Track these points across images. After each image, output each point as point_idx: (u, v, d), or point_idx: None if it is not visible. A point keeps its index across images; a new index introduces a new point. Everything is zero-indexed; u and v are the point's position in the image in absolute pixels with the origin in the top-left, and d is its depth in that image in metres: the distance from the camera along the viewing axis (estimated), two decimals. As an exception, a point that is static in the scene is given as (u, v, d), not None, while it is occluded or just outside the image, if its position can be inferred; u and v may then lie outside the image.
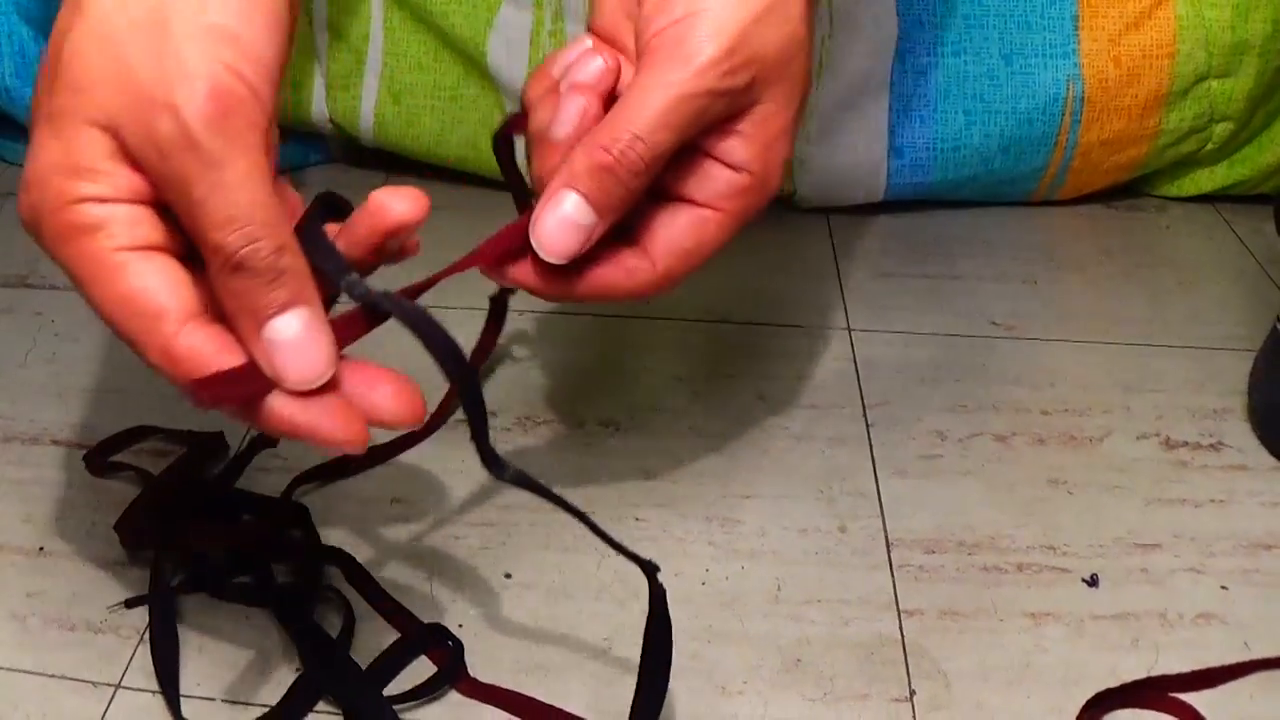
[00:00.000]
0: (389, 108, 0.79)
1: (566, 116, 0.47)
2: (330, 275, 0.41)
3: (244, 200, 0.38)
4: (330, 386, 0.41)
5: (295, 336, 0.39)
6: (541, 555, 0.56)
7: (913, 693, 0.50)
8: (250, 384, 0.40)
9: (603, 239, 0.46)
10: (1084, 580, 0.55)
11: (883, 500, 0.59)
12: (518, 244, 0.47)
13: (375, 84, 0.79)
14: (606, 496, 0.59)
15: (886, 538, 0.57)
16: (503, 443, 0.61)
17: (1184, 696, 0.50)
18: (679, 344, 0.69)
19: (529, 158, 0.50)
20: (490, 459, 0.43)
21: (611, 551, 0.55)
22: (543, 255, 0.46)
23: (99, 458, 0.59)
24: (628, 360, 0.68)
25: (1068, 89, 0.76)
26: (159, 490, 0.56)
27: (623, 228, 0.47)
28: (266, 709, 0.48)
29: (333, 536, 0.55)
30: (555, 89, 0.48)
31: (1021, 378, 0.68)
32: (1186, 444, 0.63)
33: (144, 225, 0.39)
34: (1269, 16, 0.76)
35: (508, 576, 0.54)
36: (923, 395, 0.66)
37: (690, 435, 0.63)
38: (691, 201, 0.48)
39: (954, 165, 0.78)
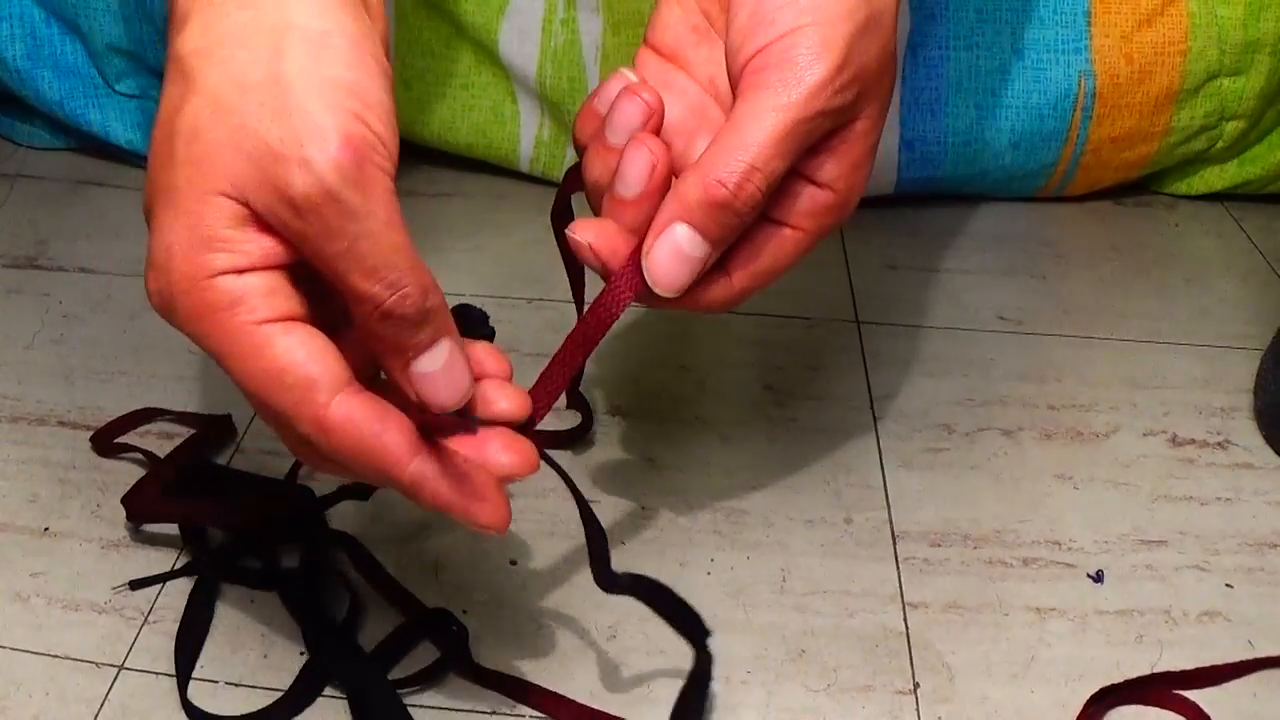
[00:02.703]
0: (400, 94, 0.79)
1: (633, 176, 0.45)
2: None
3: (386, 249, 0.38)
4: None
5: (440, 368, 0.40)
6: (547, 543, 0.56)
7: (916, 685, 0.50)
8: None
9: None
10: (1089, 576, 0.55)
11: (889, 493, 0.59)
12: (598, 326, 0.46)
13: (386, 70, 0.79)
14: (613, 485, 0.59)
15: (892, 530, 0.57)
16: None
17: (1187, 693, 0.50)
18: (686, 333, 0.69)
19: (591, 207, 0.48)
20: (609, 578, 0.46)
21: (617, 541, 0.56)
22: (655, 289, 0.45)
23: (105, 439, 0.59)
24: (635, 349, 0.68)
25: (1079, 85, 0.76)
26: (166, 469, 0.56)
27: None
28: (270, 692, 0.48)
29: (338, 520, 0.55)
30: (600, 134, 0.47)
31: (1029, 373, 0.68)
32: (1193, 441, 0.63)
33: (280, 294, 0.39)
34: (1282, 15, 0.76)
35: (513, 563, 0.55)
36: (930, 388, 0.66)
37: (697, 425, 0.63)
38: (771, 219, 0.46)
39: (964, 159, 0.78)
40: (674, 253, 0.44)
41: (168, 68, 0.40)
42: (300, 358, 0.38)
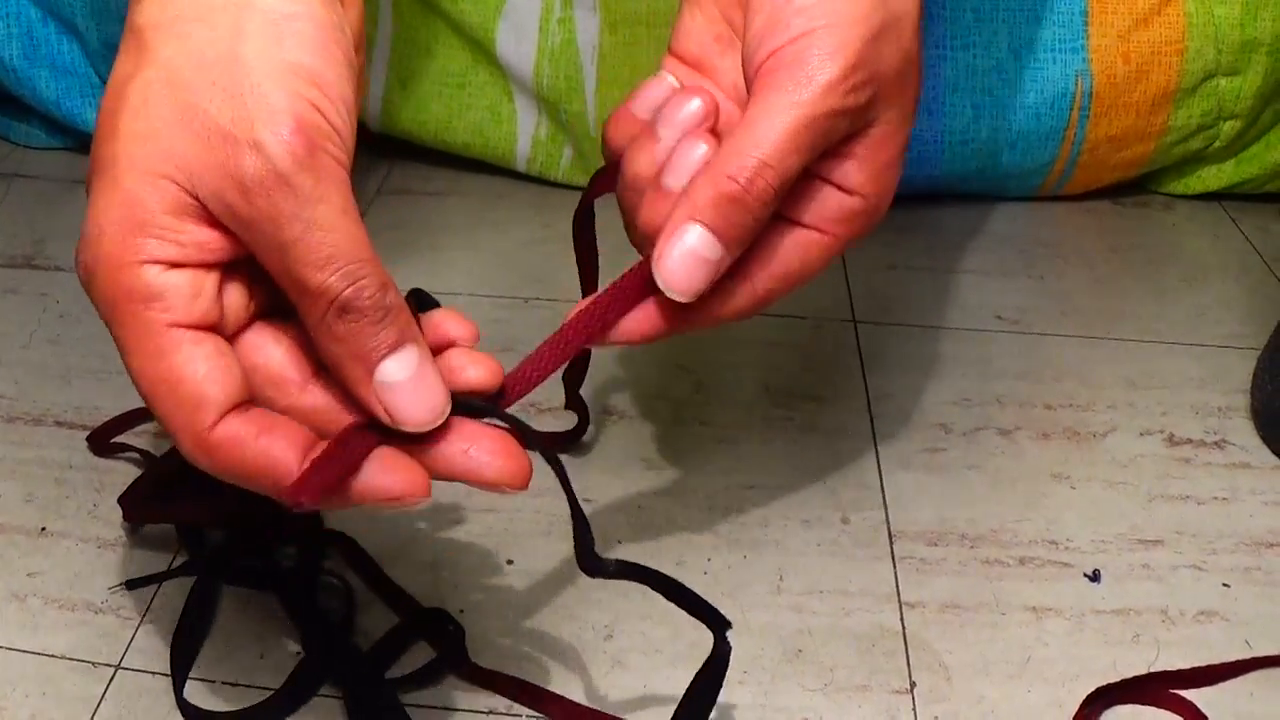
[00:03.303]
0: (397, 94, 0.79)
1: (685, 164, 0.44)
2: None
3: (342, 238, 0.36)
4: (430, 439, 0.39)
5: (410, 376, 0.38)
6: (543, 542, 0.55)
7: (913, 685, 0.50)
8: (346, 460, 0.38)
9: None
10: (1086, 575, 0.55)
11: (886, 492, 0.59)
12: (608, 313, 0.44)
13: (383, 70, 0.79)
14: (610, 485, 0.59)
15: (889, 530, 0.57)
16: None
17: (1184, 693, 0.50)
18: (683, 334, 0.69)
19: (625, 208, 0.47)
20: (591, 561, 0.43)
21: (614, 541, 0.56)
22: (668, 294, 0.43)
23: (102, 438, 0.59)
24: (632, 350, 0.68)
25: (1076, 84, 0.76)
26: (162, 469, 0.56)
27: None
28: (265, 691, 0.48)
29: (334, 520, 0.55)
30: (647, 132, 0.46)
31: (1026, 372, 0.68)
32: (1190, 441, 0.63)
33: (204, 298, 0.37)
34: (1279, 15, 0.75)
35: (509, 563, 0.54)
36: (927, 388, 0.66)
37: (694, 425, 0.63)
38: (798, 223, 0.45)
39: (961, 159, 0.78)
40: (686, 254, 0.42)
41: (123, 39, 0.38)
42: (198, 373, 0.36)
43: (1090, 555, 0.56)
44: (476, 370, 0.41)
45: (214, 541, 0.54)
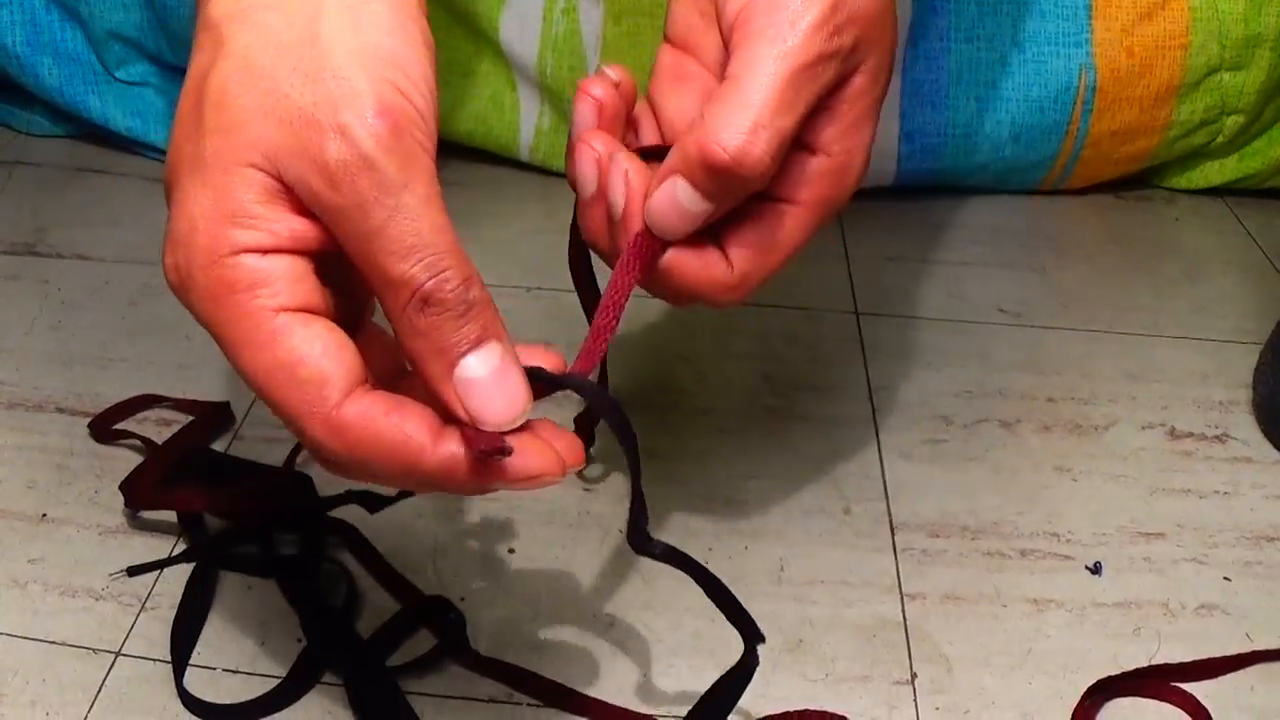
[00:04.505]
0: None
1: (584, 177, 0.44)
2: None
3: (426, 227, 0.35)
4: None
5: (491, 374, 0.36)
6: (545, 530, 0.55)
7: (914, 676, 0.50)
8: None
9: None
10: (1087, 568, 0.55)
11: (887, 483, 0.59)
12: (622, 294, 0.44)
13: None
14: (610, 474, 0.59)
15: (891, 521, 0.57)
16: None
17: (1185, 686, 0.50)
18: (684, 323, 0.69)
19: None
20: (642, 539, 0.42)
21: (615, 529, 0.56)
22: (655, 231, 0.43)
23: (104, 425, 0.59)
24: (633, 339, 0.68)
25: (1080, 78, 0.76)
26: (164, 456, 0.56)
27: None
28: (266, 679, 0.48)
29: (335, 508, 0.55)
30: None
31: (1028, 365, 0.68)
32: (1191, 435, 0.63)
33: (305, 283, 0.36)
34: (1283, 10, 0.75)
35: (511, 551, 0.54)
36: (928, 380, 0.66)
37: (695, 415, 0.63)
38: (765, 195, 0.44)
39: (964, 152, 0.78)
40: (671, 204, 0.42)
41: (196, 36, 0.38)
42: (316, 351, 0.35)
43: (1091, 548, 0.56)
44: (540, 365, 0.40)
45: (215, 529, 0.54)
